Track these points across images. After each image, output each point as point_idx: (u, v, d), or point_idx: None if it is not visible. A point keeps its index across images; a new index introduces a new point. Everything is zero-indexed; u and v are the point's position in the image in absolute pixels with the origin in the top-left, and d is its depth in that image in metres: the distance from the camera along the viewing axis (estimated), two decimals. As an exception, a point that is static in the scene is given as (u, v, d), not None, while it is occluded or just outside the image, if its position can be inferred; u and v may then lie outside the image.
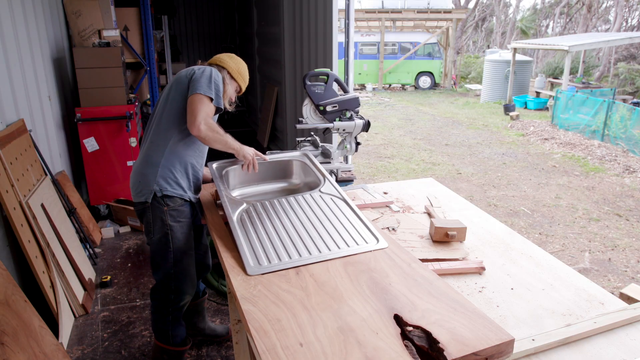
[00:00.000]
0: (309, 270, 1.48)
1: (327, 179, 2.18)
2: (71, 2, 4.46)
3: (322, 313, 1.25)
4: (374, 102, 14.79)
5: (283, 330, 1.18)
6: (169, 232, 2.19)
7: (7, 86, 3.12)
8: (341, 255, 1.56)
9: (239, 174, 2.39)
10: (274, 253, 1.58)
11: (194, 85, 2.09)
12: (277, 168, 2.49)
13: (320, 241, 1.64)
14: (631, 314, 1.44)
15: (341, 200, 1.96)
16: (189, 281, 2.32)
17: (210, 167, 2.32)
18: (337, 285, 1.38)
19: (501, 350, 1.15)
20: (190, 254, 2.31)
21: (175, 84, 2.23)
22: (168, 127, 2.19)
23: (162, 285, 2.30)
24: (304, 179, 2.46)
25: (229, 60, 2.38)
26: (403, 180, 3.49)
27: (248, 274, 1.46)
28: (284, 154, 2.54)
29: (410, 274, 1.44)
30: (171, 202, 2.18)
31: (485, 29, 28.35)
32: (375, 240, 1.64)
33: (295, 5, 5.27)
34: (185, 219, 2.25)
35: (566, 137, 9.17)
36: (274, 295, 1.34)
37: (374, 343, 1.13)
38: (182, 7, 9.75)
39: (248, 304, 1.30)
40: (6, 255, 2.62)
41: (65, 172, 4.13)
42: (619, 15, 19.46)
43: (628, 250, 4.48)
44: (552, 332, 1.37)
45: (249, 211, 1.86)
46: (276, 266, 1.50)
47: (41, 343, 2.15)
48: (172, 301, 2.31)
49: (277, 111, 6.57)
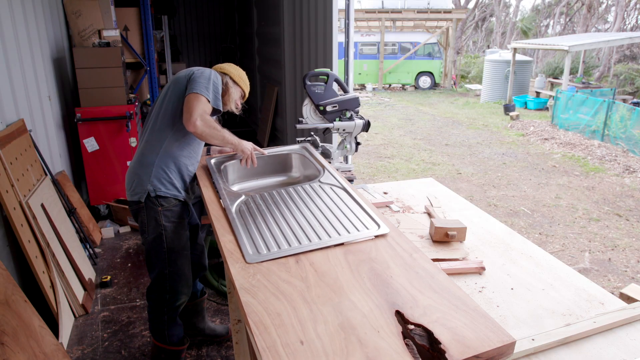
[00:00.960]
0: (309, 258, 1.46)
1: (327, 169, 2.17)
2: (71, 2, 4.46)
3: (322, 307, 1.24)
4: (374, 102, 14.79)
5: (283, 325, 1.16)
6: (163, 233, 2.19)
7: (7, 86, 3.12)
8: (341, 241, 1.54)
9: (238, 169, 2.38)
10: (273, 242, 1.56)
11: (191, 85, 2.09)
12: (276, 162, 2.49)
13: (320, 228, 1.63)
14: (631, 314, 1.45)
15: (341, 189, 1.95)
16: (184, 281, 2.32)
17: (208, 162, 2.31)
18: (338, 276, 1.37)
19: (502, 352, 1.14)
20: (185, 255, 2.31)
21: (173, 85, 2.23)
22: (163, 127, 2.19)
23: (157, 285, 2.30)
24: (304, 171, 2.45)
25: (229, 67, 2.40)
26: (403, 180, 3.49)
27: (247, 262, 1.44)
28: (283, 148, 2.54)
29: (412, 266, 1.43)
30: (165, 203, 2.18)
31: (485, 29, 28.35)
32: (376, 226, 1.63)
33: (295, 5, 5.27)
34: (180, 219, 2.25)
35: (566, 137, 9.17)
36: (274, 286, 1.32)
37: (376, 342, 1.12)
38: (182, 7, 9.75)
39: (247, 295, 1.28)
40: (6, 255, 2.62)
41: (65, 172, 4.13)
42: (618, 15, 19.47)
43: (628, 250, 4.48)
44: (552, 332, 1.37)
45: (248, 203, 1.86)
46: (275, 254, 1.48)
47: (41, 343, 2.15)
48: (168, 301, 2.31)
49: (277, 111, 6.57)
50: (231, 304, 2.18)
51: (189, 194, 2.31)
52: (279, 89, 6.26)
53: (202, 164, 2.37)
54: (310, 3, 4.81)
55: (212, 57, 10.34)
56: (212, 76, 2.16)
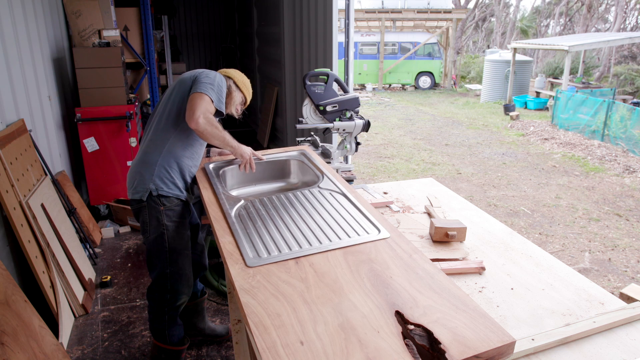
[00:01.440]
0: (309, 260, 1.46)
1: (326, 175, 2.17)
2: (71, 2, 4.46)
3: (322, 307, 1.23)
4: (374, 102, 14.79)
5: (283, 326, 1.16)
6: (165, 232, 2.20)
7: (7, 86, 3.12)
8: (341, 245, 1.54)
9: (237, 174, 2.38)
10: (273, 245, 1.56)
11: (196, 86, 2.11)
12: (275, 168, 2.48)
13: (321, 233, 1.63)
14: (630, 314, 1.45)
15: (340, 194, 1.96)
16: (185, 281, 2.33)
17: (206, 167, 2.32)
18: (338, 277, 1.37)
19: (502, 351, 1.15)
20: (186, 254, 2.32)
21: (178, 85, 2.25)
22: (167, 127, 2.20)
23: (157, 285, 2.31)
24: (302, 177, 2.45)
25: (234, 73, 2.43)
26: (403, 180, 3.49)
27: (248, 265, 1.44)
28: (281, 152, 2.53)
29: (411, 266, 1.43)
30: (167, 202, 2.19)
31: (485, 29, 28.36)
32: (376, 231, 1.63)
33: (295, 5, 5.27)
34: (181, 219, 2.26)
35: (566, 137, 9.17)
36: (274, 287, 1.32)
37: (376, 343, 1.11)
38: (182, 7, 9.75)
39: (247, 296, 1.28)
40: (6, 255, 2.62)
41: (65, 172, 4.13)
42: (618, 15, 19.46)
43: (628, 250, 4.48)
44: (552, 332, 1.37)
45: (247, 207, 1.86)
46: (276, 257, 1.48)
47: (41, 343, 2.15)
48: (168, 301, 2.31)
49: (277, 111, 6.57)
50: (231, 304, 2.18)
51: (190, 193, 2.32)
52: (279, 89, 6.26)
53: (201, 167, 2.37)
54: (310, 3, 4.81)
55: (212, 57, 10.34)
56: (217, 78, 2.18)
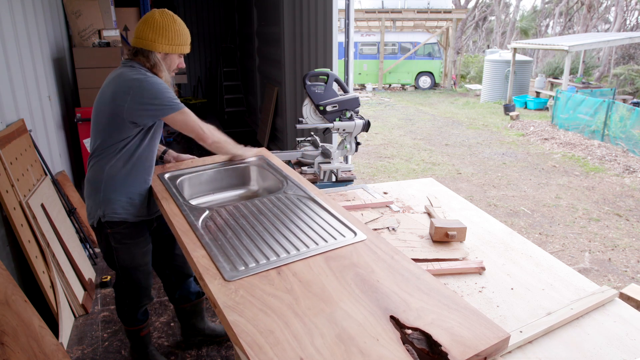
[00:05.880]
0: (291, 269, 1.41)
1: (290, 179, 2.11)
2: (71, 2, 4.46)
3: (315, 319, 1.19)
4: (374, 102, 14.79)
5: (279, 343, 1.10)
6: (114, 253, 2.19)
7: (7, 86, 3.12)
8: (321, 251, 1.50)
9: (194, 184, 2.29)
10: (249, 256, 1.48)
11: (156, 108, 1.92)
12: (234, 175, 2.41)
13: (296, 239, 1.58)
14: (600, 297, 1.53)
15: (309, 199, 1.91)
16: (142, 291, 2.32)
17: (161, 178, 2.19)
18: (325, 285, 1.33)
19: (499, 347, 1.16)
20: (142, 269, 2.26)
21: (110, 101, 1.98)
22: (103, 149, 2.03)
23: (117, 291, 2.36)
24: (263, 184, 2.39)
25: (152, 34, 1.95)
26: (403, 180, 3.49)
27: (226, 279, 1.35)
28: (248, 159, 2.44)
29: (395, 268, 1.42)
30: (115, 226, 2.12)
31: (485, 29, 28.35)
32: (352, 234, 1.61)
33: (295, 5, 5.27)
34: (132, 240, 2.18)
35: (566, 137, 9.17)
36: (260, 302, 1.25)
37: (377, 351, 1.09)
38: (182, 7, 9.75)
39: (233, 314, 1.20)
40: (6, 255, 2.62)
41: (65, 172, 4.13)
42: (619, 15, 19.47)
43: (628, 250, 4.48)
44: (536, 322, 1.41)
45: (214, 217, 1.76)
46: (255, 269, 1.41)
47: (41, 343, 2.15)
48: (128, 305, 2.35)
49: (277, 111, 6.57)
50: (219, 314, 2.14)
51: (146, 209, 2.18)
52: (279, 89, 6.26)
53: (157, 176, 2.21)
54: (310, 3, 4.81)
55: (212, 57, 10.34)
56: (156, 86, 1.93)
